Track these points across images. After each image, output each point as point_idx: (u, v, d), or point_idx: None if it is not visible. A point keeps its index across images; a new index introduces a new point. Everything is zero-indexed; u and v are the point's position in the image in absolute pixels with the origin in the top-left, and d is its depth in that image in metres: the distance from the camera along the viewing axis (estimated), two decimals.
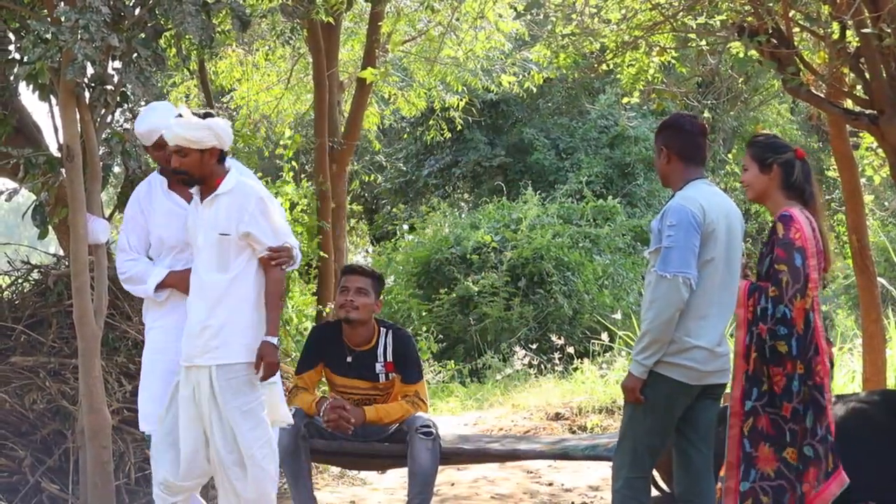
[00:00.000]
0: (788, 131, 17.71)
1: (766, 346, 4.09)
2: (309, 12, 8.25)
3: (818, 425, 4.05)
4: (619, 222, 15.33)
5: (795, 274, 4.04)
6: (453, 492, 6.78)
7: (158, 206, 4.55)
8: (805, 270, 4.05)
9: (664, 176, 4.35)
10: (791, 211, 4.14)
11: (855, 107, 6.40)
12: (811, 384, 4.06)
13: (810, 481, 4.05)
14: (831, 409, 4.05)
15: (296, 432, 5.00)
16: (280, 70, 12.91)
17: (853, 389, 8.11)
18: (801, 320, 4.05)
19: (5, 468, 5.61)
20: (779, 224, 4.13)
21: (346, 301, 5.13)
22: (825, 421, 4.04)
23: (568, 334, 12.98)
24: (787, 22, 5.92)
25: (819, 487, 4.03)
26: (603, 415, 8.75)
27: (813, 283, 4.06)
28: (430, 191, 19.10)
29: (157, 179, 4.65)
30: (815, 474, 4.04)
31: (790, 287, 4.04)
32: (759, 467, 4.13)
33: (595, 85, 17.97)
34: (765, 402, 4.13)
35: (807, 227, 4.11)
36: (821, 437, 4.05)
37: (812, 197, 4.20)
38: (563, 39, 7.20)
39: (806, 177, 4.20)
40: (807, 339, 4.05)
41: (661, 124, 4.41)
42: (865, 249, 7.06)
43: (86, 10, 4.66)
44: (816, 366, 4.06)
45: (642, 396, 4.11)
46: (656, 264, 4.10)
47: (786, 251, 4.07)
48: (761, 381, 4.14)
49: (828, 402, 4.04)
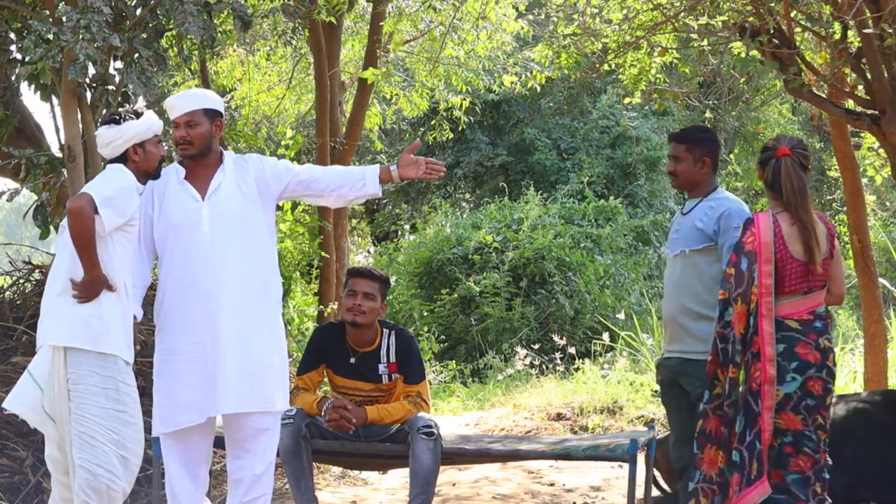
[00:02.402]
0: (790, 132, 17.69)
1: (719, 348, 4.11)
2: (310, 12, 8.25)
3: (748, 430, 4.03)
4: (621, 222, 15.33)
5: (739, 278, 4.08)
6: (455, 492, 6.78)
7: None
8: (750, 275, 4.05)
9: (696, 182, 4.60)
10: (757, 215, 4.16)
11: (856, 107, 6.39)
12: (744, 389, 4.05)
13: (733, 486, 4.04)
14: (769, 417, 4.00)
15: (297, 432, 5.00)
16: (281, 70, 12.91)
17: (854, 389, 8.11)
18: (739, 324, 4.06)
19: (7, 468, 5.62)
20: (742, 227, 4.17)
21: (353, 305, 5.12)
22: (756, 427, 4.00)
23: (569, 334, 12.98)
24: (788, 22, 5.92)
25: (741, 493, 4.01)
26: (604, 415, 8.75)
27: (764, 288, 4.04)
28: (432, 191, 19.10)
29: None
30: (737, 479, 4.03)
31: (733, 290, 4.06)
32: (703, 469, 4.15)
33: (596, 85, 17.96)
34: (715, 406, 4.13)
35: (767, 233, 4.09)
36: (748, 443, 4.02)
37: (790, 194, 4.12)
38: (564, 39, 7.20)
39: (776, 175, 4.15)
40: (744, 343, 4.05)
41: (698, 135, 4.66)
42: (867, 250, 7.06)
43: (87, 11, 4.66)
44: (755, 371, 4.03)
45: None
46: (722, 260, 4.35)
47: (735, 255, 4.13)
48: (714, 385, 4.15)
49: (765, 409, 3.98)
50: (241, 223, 4.42)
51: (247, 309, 4.37)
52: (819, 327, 4.10)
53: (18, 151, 5.54)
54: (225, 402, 4.30)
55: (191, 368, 4.32)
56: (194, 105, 4.42)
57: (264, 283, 4.46)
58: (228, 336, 4.31)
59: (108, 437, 3.99)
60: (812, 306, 4.12)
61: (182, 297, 4.37)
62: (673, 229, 4.76)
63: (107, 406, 4.00)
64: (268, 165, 4.55)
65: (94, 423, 3.98)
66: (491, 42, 11.24)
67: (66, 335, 4.02)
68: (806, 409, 4.04)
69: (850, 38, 6.26)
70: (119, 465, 4.01)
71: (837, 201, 16.61)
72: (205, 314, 4.33)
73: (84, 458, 3.97)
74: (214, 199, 4.41)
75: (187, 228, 4.39)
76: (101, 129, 4.20)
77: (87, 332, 4.01)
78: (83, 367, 3.99)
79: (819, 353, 4.07)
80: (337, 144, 10.04)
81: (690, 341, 4.51)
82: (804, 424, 4.04)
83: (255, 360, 4.36)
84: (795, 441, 4.04)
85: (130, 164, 4.22)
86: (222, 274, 4.35)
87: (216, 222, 4.39)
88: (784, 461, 4.03)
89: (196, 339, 4.32)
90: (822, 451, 4.06)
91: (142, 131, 4.22)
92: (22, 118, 6.68)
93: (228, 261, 4.37)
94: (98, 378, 4.00)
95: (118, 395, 4.02)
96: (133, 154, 4.21)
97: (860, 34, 5.72)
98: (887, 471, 5.21)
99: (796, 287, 4.09)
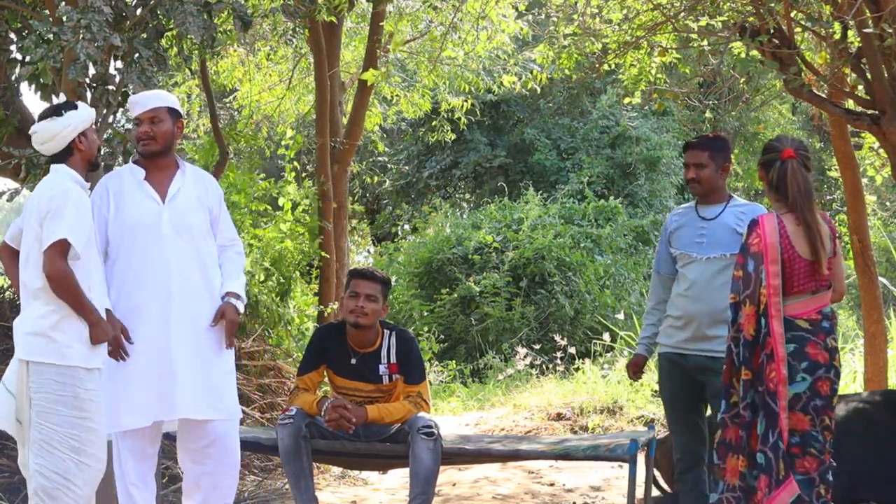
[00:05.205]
0: (790, 132, 17.70)
1: (734, 353, 4.11)
2: (311, 12, 8.26)
3: (770, 432, 4.02)
4: (621, 222, 15.34)
5: (746, 280, 4.08)
6: (455, 492, 6.78)
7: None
8: (757, 276, 4.05)
9: (716, 188, 4.82)
10: (761, 217, 4.15)
11: (856, 107, 6.40)
12: (762, 390, 4.04)
13: (762, 489, 4.03)
14: (785, 416, 3.99)
15: (297, 432, 5.00)
16: (282, 70, 12.91)
17: (855, 389, 8.11)
18: (749, 326, 4.06)
19: (6, 468, 5.62)
20: (747, 230, 4.17)
21: (356, 307, 5.12)
22: (777, 427, 4.00)
23: (569, 334, 12.98)
24: (788, 22, 5.92)
25: (770, 495, 4.00)
26: (604, 415, 8.75)
27: (772, 288, 4.04)
28: (432, 191, 19.10)
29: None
30: (766, 482, 4.02)
31: (741, 293, 4.06)
32: (726, 479, 4.13)
33: (596, 85, 17.97)
34: (733, 414, 4.13)
35: (772, 234, 4.09)
36: (772, 444, 4.01)
37: (796, 196, 4.12)
38: (564, 39, 7.20)
39: (782, 177, 4.15)
40: (756, 344, 4.05)
41: (719, 142, 4.88)
42: (867, 250, 7.07)
43: (88, 10, 4.66)
44: (770, 372, 4.02)
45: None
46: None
47: (742, 257, 4.13)
48: (730, 393, 4.14)
49: (782, 409, 3.98)
50: (196, 229, 4.53)
51: (199, 312, 4.47)
52: (827, 327, 4.10)
53: (18, 151, 5.53)
54: (177, 407, 4.38)
55: (141, 370, 4.37)
56: (158, 103, 4.49)
57: (212, 290, 4.55)
58: (183, 340, 4.40)
59: (67, 444, 4.02)
60: (820, 306, 4.12)
61: (139, 298, 4.40)
62: (694, 233, 4.81)
63: (65, 413, 4.02)
64: (216, 206, 4.66)
65: (52, 431, 4.00)
66: (491, 42, 11.24)
67: (27, 349, 4.04)
68: (814, 409, 4.03)
69: (850, 38, 6.26)
70: (76, 471, 4.03)
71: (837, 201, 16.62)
72: (160, 316, 4.40)
73: (40, 464, 4.01)
74: (174, 203, 4.49)
75: (146, 230, 4.44)
76: (43, 124, 4.13)
77: (47, 346, 4.02)
78: (42, 377, 4.01)
79: (827, 353, 4.07)
80: (337, 144, 10.04)
81: (718, 342, 4.56)
82: (812, 425, 4.03)
83: (211, 367, 4.47)
84: (802, 441, 4.03)
85: (76, 155, 4.16)
86: (179, 277, 4.43)
87: (175, 226, 4.46)
88: (790, 462, 4.03)
89: (151, 342, 4.38)
90: (826, 452, 4.05)
91: (85, 119, 4.17)
92: (22, 118, 6.68)
93: (185, 264, 4.46)
94: (57, 386, 4.01)
95: (77, 401, 4.03)
96: (79, 143, 4.15)
97: (860, 34, 5.72)
98: (887, 471, 5.21)
99: (804, 286, 4.09)
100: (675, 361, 4.80)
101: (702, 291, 4.72)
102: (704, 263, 4.74)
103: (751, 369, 4.06)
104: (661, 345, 4.91)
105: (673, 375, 4.83)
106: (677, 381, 4.82)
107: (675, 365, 4.81)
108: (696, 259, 4.77)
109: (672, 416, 4.90)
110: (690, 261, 4.79)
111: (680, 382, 4.81)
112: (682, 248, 4.83)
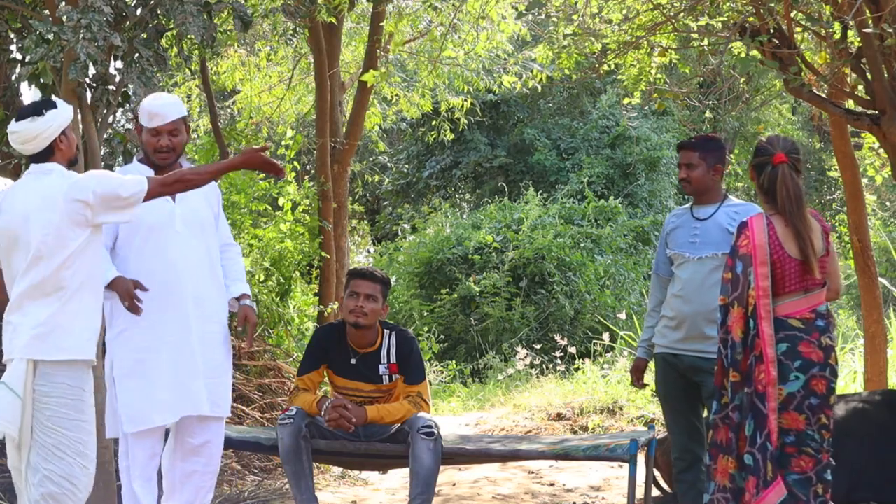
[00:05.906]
0: (790, 132, 17.71)
1: (723, 355, 4.11)
2: (311, 12, 8.25)
3: (758, 433, 4.02)
4: (621, 222, 15.34)
5: (735, 282, 4.08)
6: (455, 492, 6.78)
7: None
8: (746, 278, 4.05)
9: (708, 189, 4.80)
10: (750, 219, 4.15)
11: (856, 107, 6.40)
12: (750, 391, 4.04)
13: (750, 490, 4.03)
14: (775, 418, 3.99)
15: (297, 432, 5.01)
16: (282, 70, 12.91)
17: (855, 389, 8.12)
18: (737, 328, 4.06)
19: (6, 468, 5.61)
20: (736, 232, 4.18)
21: (356, 307, 5.12)
22: (765, 429, 3.99)
23: (569, 334, 12.99)
24: (788, 22, 5.91)
25: (758, 496, 4.00)
26: (604, 415, 8.75)
27: (761, 290, 4.04)
28: (432, 191, 19.11)
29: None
30: (753, 482, 4.02)
31: (730, 295, 4.07)
32: (717, 480, 4.14)
33: (596, 85, 17.97)
34: (723, 416, 4.13)
35: (761, 235, 4.09)
36: (760, 446, 4.01)
37: (786, 202, 4.10)
38: (564, 39, 7.20)
39: (772, 182, 4.14)
40: (745, 346, 4.05)
41: (711, 143, 4.85)
42: (867, 249, 7.06)
43: (88, 10, 4.66)
44: (759, 374, 4.02)
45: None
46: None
47: (731, 259, 4.13)
48: (721, 395, 4.14)
49: (770, 410, 3.97)
50: (206, 227, 4.58)
51: (211, 311, 4.51)
52: (821, 326, 4.09)
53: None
54: (200, 403, 4.41)
55: (165, 367, 4.38)
56: (178, 113, 4.52)
57: (220, 288, 4.60)
58: (200, 336, 4.43)
59: (74, 448, 3.96)
60: (813, 305, 4.11)
61: (156, 296, 4.35)
62: (688, 233, 4.82)
63: (74, 417, 3.95)
64: (217, 205, 4.72)
65: (62, 435, 3.94)
66: (491, 42, 11.24)
67: (37, 349, 3.92)
68: (809, 408, 4.03)
69: (850, 38, 6.26)
70: (81, 475, 4.00)
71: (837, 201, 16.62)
72: (180, 312, 4.41)
73: (50, 470, 3.95)
74: (185, 201, 4.50)
75: (160, 228, 4.44)
76: (24, 124, 3.99)
77: (61, 343, 3.92)
78: (55, 380, 3.92)
79: (822, 351, 4.06)
80: (337, 144, 10.03)
81: (711, 342, 4.55)
82: (807, 424, 4.03)
83: (218, 364, 4.52)
84: (797, 441, 4.03)
85: (57, 154, 4.06)
86: (194, 274, 4.46)
87: (187, 223, 4.49)
88: (785, 461, 4.02)
89: (170, 339, 4.39)
90: (824, 451, 4.04)
91: (67, 118, 4.08)
92: None
93: (197, 261, 4.49)
94: (68, 389, 3.94)
95: (82, 404, 3.97)
96: (60, 143, 4.03)
97: (860, 34, 5.72)
98: (887, 471, 5.22)
99: (796, 286, 4.08)
100: (669, 362, 4.81)
101: (694, 291, 4.72)
102: (697, 263, 4.75)
103: (739, 371, 4.06)
104: (657, 345, 4.91)
105: (668, 376, 4.84)
106: (672, 381, 4.83)
107: (669, 365, 4.82)
108: (689, 259, 4.78)
109: (669, 416, 4.91)
110: (684, 261, 4.80)
111: (675, 383, 4.82)
112: (677, 248, 4.84)
